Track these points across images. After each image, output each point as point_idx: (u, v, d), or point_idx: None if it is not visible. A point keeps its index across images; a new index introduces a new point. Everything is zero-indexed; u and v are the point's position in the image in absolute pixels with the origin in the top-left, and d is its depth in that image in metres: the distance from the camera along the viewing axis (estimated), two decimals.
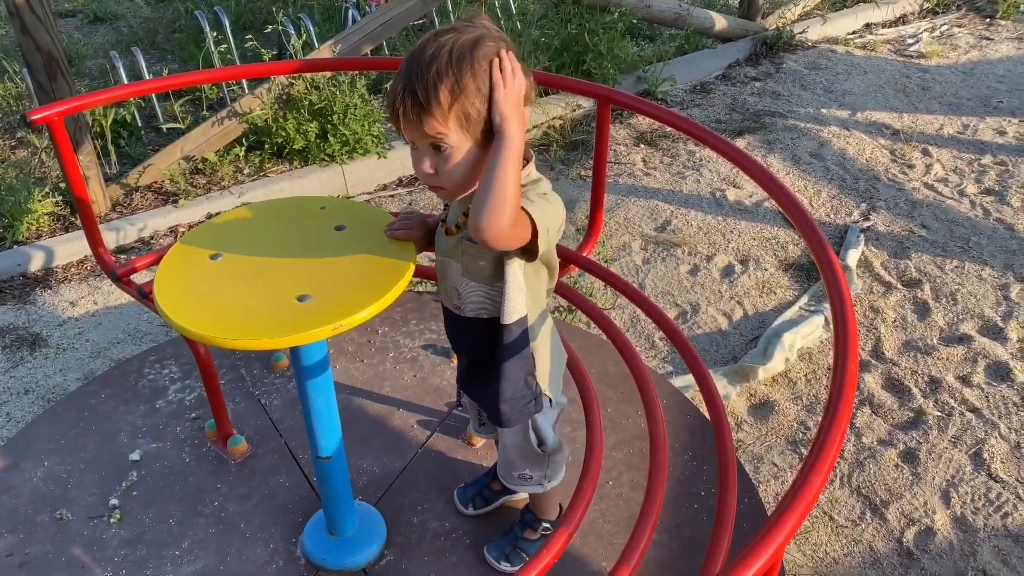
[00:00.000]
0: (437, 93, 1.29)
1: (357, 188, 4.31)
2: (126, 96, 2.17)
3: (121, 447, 2.33)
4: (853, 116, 5.11)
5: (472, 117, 1.31)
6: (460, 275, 1.53)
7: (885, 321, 3.36)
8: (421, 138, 1.36)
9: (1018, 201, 4.21)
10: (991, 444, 2.77)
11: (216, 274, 1.52)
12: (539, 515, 1.98)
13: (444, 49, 1.29)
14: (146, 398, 2.51)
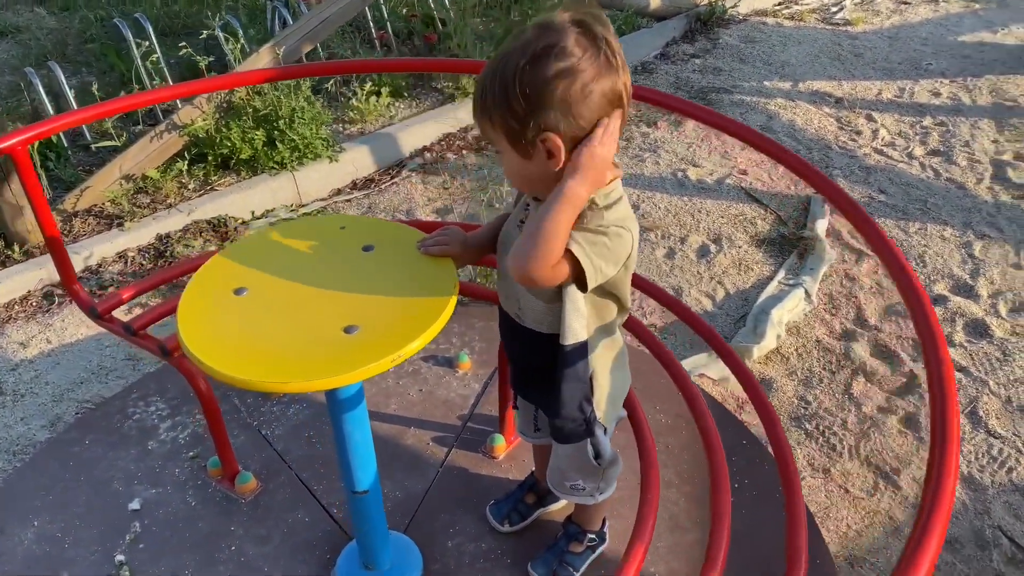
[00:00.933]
0: (489, 96, 1.27)
1: (310, 195, 4.13)
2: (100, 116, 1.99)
3: (117, 496, 2.16)
4: (795, 87, 5.18)
5: (514, 129, 1.26)
6: (523, 288, 1.44)
7: (863, 288, 3.41)
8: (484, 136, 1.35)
9: (964, 160, 4.33)
10: (984, 401, 2.83)
11: (245, 311, 1.39)
12: (585, 526, 1.91)
13: (515, 51, 1.23)
14: (135, 440, 2.33)
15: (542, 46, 1.20)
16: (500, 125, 1.27)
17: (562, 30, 1.22)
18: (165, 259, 3.55)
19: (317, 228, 1.62)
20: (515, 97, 1.22)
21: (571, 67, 1.20)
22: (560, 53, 1.20)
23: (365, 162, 4.35)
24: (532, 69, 1.20)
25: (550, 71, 1.20)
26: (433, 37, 5.17)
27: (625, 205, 1.36)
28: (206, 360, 1.26)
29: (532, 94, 1.21)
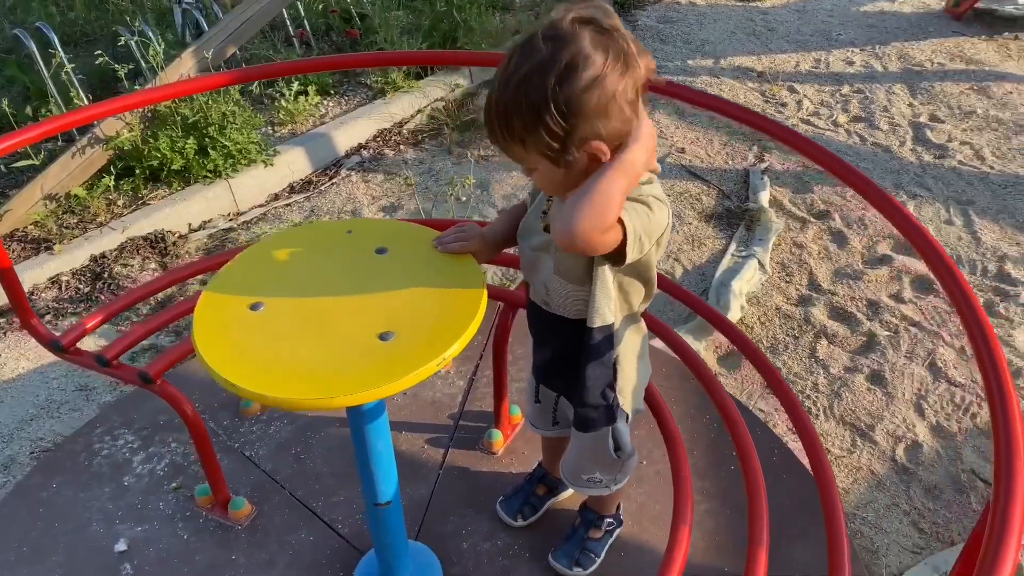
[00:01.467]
0: (509, 132, 1.22)
1: (248, 202, 3.98)
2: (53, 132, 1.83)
3: (100, 540, 2.02)
4: (718, 64, 5.29)
5: (554, 149, 1.21)
6: (551, 272, 1.42)
7: (811, 254, 3.52)
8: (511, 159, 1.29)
9: (885, 124, 4.51)
10: (941, 353, 2.96)
11: (267, 327, 1.32)
12: (602, 512, 1.92)
13: (519, 75, 1.16)
14: (108, 477, 2.19)
15: (565, 61, 1.14)
16: (535, 146, 1.21)
17: (575, 35, 1.15)
18: (103, 281, 3.35)
19: (323, 234, 1.55)
20: (552, 118, 1.16)
21: (599, 74, 1.15)
22: (585, 63, 1.14)
23: (301, 164, 4.22)
24: (563, 87, 1.14)
25: (581, 84, 1.14)
26: (355, 32, 5.05)
27: (658, 184, 1.35)
28: (245, 385, 1.18)
29: (569, 111, 1.16)
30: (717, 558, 1.94)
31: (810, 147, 1.80)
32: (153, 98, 2.14)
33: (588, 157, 1.22)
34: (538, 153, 1.22)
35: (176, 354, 1.83)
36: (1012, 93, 4.77)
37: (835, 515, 1.59)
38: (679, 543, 1.43)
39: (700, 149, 4.36)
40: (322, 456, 2.22)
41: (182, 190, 3.85)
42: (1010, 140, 4.29)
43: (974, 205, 3.79)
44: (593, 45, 1.15)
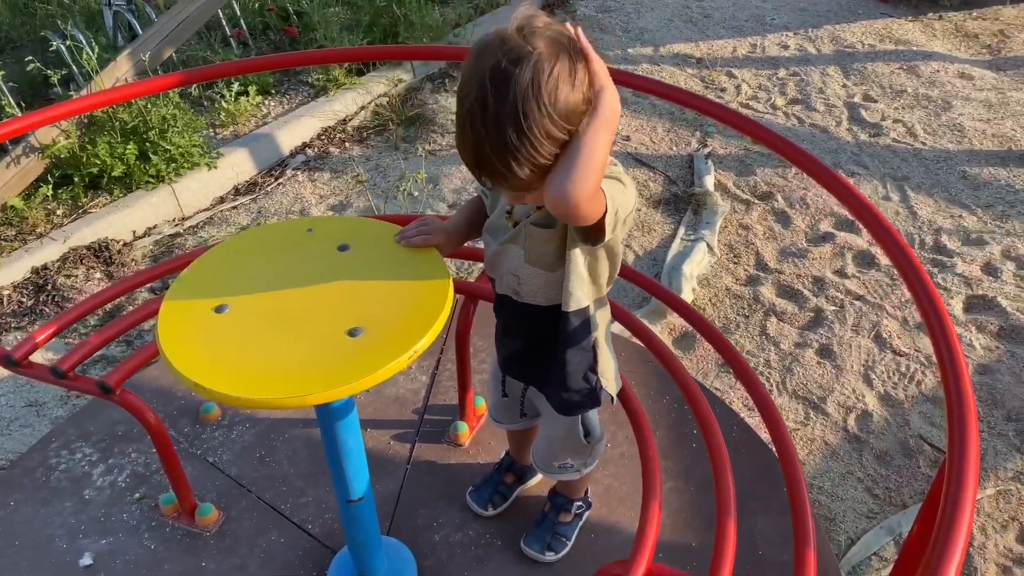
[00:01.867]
0: (517, 162, 1.18)
1: (192, 206, 3.91)
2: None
3: (64, 555, 1.98)
4: (657, 51, 5.37)
5: (549, 162, 1.19)
6: (521, 261, 1.44)
7: (757, 235, 3.60)
8: (506, 190, 1.30)
9: (821, 105, 4.64)
10: (885, 324, 3.07)
11: (233, 329, 1.31)
12: (571, 496, 1.94)
13: (507, 107, 1.14)
14: (68, 492, 2.15)
15: (545, 75, 1.13)
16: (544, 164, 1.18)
17: (534, 50, 1.14)
18: (47, 294, 3.26)
19: (283, 234, 1.54)
20: (558, 128, 1.16)
21: (569, 72, 1.16)
22: (557, 71, 1.14)
23: (245, 165, 4.16)
24: (556, 98, 1.14)
25: (564, 89, 1.15)
26: (294, 30, 4.99)
27: (620, 167, 1.38)
28: (217, 388, 1.18)
29: (566, 115, 1.16)
30: (685, 534, 1.99)
31: (756, 128, 1.86)
32: (96, 103, 2.09)
33: None
34: (543, 168, 1.19)
35: (134, 363, 1.80)
36: (939, 71, 4.95)
37: (798, 486, 1.65)
38: (650, 519, 1.46)
39: (644, 136, 4.43)
40: (287, 458, 2.21)
41: (124, 197, 3.76)
42: (939, 117, 4.45)
43: (909, 181, 3.93)
44: (551, 52, 1.15)
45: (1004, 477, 2.50)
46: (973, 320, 3.08)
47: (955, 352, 1.25)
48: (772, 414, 1.76)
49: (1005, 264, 3.34)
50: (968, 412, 1.18)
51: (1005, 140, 4.21)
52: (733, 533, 1.48)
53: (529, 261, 1.43)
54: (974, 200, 3.76)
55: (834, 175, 1.67)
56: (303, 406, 1.19)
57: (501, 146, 1.16)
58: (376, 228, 1.53)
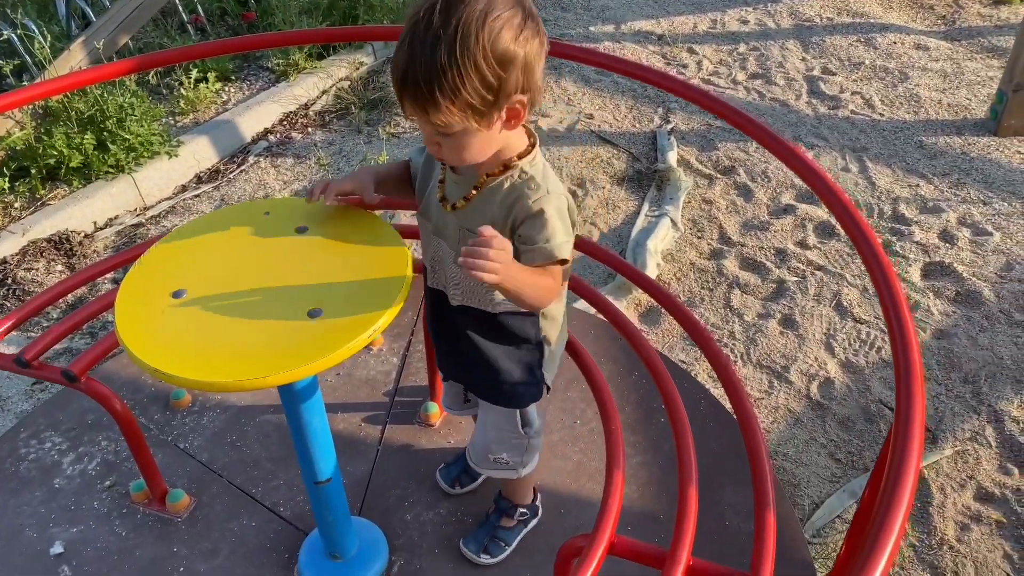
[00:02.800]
0: (440, 87, 1.17)
1: (154, 195, 3.87)
2: None
3: (34, 544, 1.97)
4: (619, 29, 5.37)
5: (477, 107, 1.21)
6: (451, 261, 1.42)
7: (720, 209, 3.64)
8: (425, 123, 1.26)
9: (781, 79, 4.68)
10: (845, 293, 3.13)
11: (192, 313, 1.31)
12: (515, 500, 1.93)
13: (449, 29, 1.15)
14: (38, 481, 2.14)
15: (495, 15, 1.16)
16: (465, 101, 1.19)
17: None
18: (7, 288, 3.22)
19: (240, 217, 1.53)
20: (490, 67, 1.17)
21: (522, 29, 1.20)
22: (510, 17, 1.18)
23: (206, 153, 4.11)
24: (498, 37, 1.16)
25: (510, 35, 1.18)
26: (252, 15, 4.92)
27: (547, 166, 1.39)
28: (177, 372, 1.18)
29: (504, 60, 1.18)
30: (652, 505, 2.02)
31: (715, 103, 1.88)
32: (50, 90, 2.05)
33: (507, 114, 1.25)
34: (465, 109, 1.20)
35: (99, 351, 1.79)
36: (896, 44, 5.01)
37: (757, 449, 1.69)
38: (614, 492, 1.48)
39: (607, 114, 4.44)
40: (258, 442, 2.21)
41: (84, 187, 3.71)
42: (896, 88, 4.51)
43: (868, 152, 3.98)
44: (509, 4, 1.19)
45: (962, 438, 2.57)
46: (931, 286, 3.15)
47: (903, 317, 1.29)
48: (731, 380, 1.79)
49: (961, 231, 3.41)
50: (914, 370, 1.22)
51: (960, 109, 4.28)
52: (695, 502, 1.51)
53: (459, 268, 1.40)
54: (930, 169, 3.83)
55: (782, 140, 1.70)
56: (265, 387, 1.19)
57: (430, 66, 1.16)
58: (334, 209, 1.53)
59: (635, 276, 2.18)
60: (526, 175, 1.34)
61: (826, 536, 2.32)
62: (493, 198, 1.35)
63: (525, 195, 1.32)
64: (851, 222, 1.53)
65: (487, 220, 1.34)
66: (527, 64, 1.21)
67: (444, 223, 1.44)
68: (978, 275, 3.17)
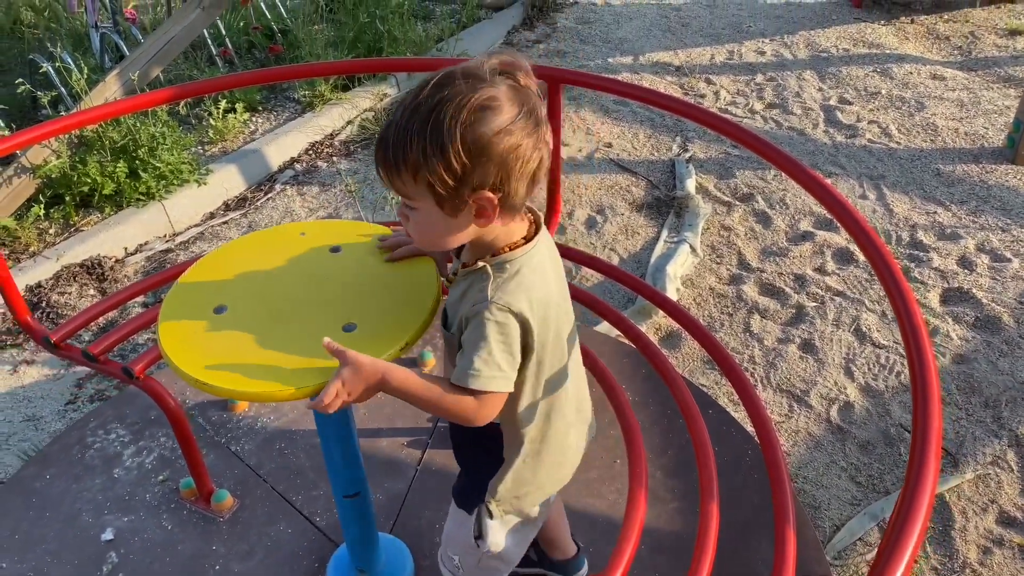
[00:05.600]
0: (404, 157, 1.13)
1: (183, 222, 3.96)
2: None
3: (88, 529, 2.09)
4: (637, 60, 5.47)
5: (448, 187, 1.13)
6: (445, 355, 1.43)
7: (739, 235, 3.69)
8: (391, 190, 1.21)
9: (799, 109, 4.74)
10: (864, 318, 3.15)
11: (233, 327, 1.37)
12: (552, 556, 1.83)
13: (432, 101, 1.10)
14: (99, 470, 2.26)
15: (480, 101, 1.10)
16: (427, 180, 1.12)
17: (493, 82, 1.12)
18: (42, 311, 3.30)
19: (277, 239, 1.60)
20: (456, 152, 1.09)
21: (510, 123, 1.12)
22: (498, 109, 1.11)
23: (235, 181, 4.22)
24: (474, 125, 1.09)
25: (491, 127, 1.10)
26: (279, 48, 5.06)
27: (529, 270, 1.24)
28: (216, 383, 1.24)
29: (474, 151, 1.10)
30: (677, 525, 2.05)
31: (734, 129, 1.93)
32: (86, 119, 2.14)
33: (476, 209, 1.16)
34: (426, 189, 1.14)
35: (157, 352, 1.85)
36: (912, 73, 5.06)
37: (777, 468, 1.71)
38: (636, 505, 1.52)
39: (626, 143, 4.51)
40: (305, 451, 2.29)
41: (115, 214, 3.82)
42: (913, 117, 4.56)
43: (885, 179, 4.02)
44: (508, 97, 1.12)
45: (983, 462, 2.58)
46: (950, 312, 3.16)
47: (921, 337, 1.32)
48: (754, 403, 1.82)
49: (979, 257, 3.43)
50: (932, 392, 1.24)
51: (977, 138, 4.32)
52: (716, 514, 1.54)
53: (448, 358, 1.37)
54: (948, 196, 3.86)
55: (805, 169, 1.75)
56: (298, 398, 1.24)
57: (400, 133, 1.12)
58: (365, 230, 1.60)
59: (657, 299, 2.22)
60: (485, 274, 1.22)
61: (847, 558, 2.33)
62: (458, 292, 1.28)
63: (474, 292, 1.23)
64: (871, 246, 1.57)
65: (452, 312, 1.29)
66: (504, 160, 1.12)
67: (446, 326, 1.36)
68: (997, 301, 3.19)
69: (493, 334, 1.19)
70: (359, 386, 1.19)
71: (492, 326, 1.18)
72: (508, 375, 1.21)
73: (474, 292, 1.22)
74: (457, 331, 1.25)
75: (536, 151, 1.15)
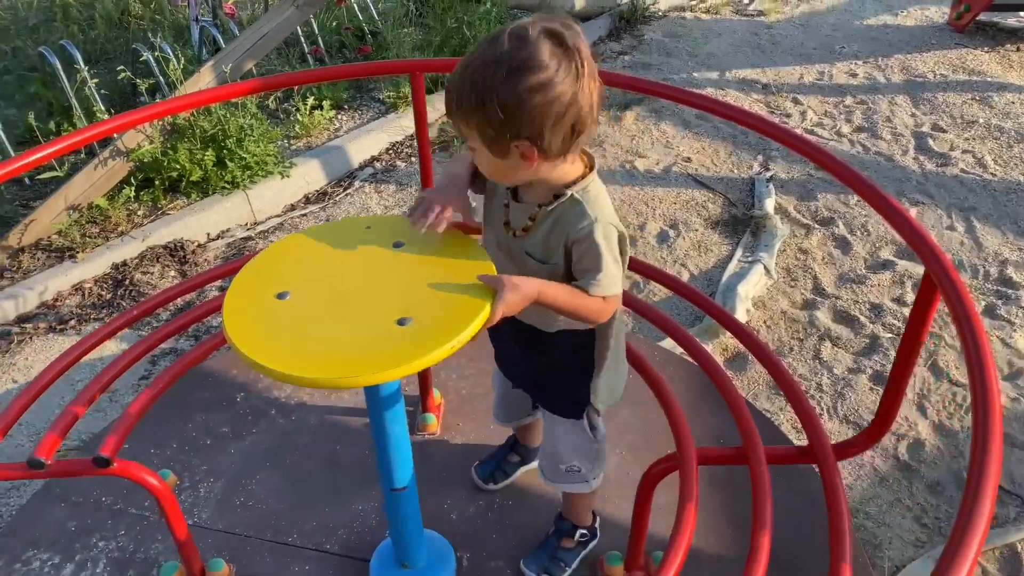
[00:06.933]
0: (461, 105, 1.31)
1: (264, 212, 4.08)
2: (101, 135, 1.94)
3: None
4: (723, 76, 5.39)
5: (490, 135, 1.32)
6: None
7: (816, 259, 3.59)
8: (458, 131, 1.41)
9: (888, 134, 4.59)
10: (942, 354, 3.02)
11: (293, 313, 1.40)
12: (576, 521, 1.96)
13: (491, 61, 1.26)
14: None
15: (519, 59, 1.23)
16: (476, 128, 1.32)
17: (536, 42, 1.24)
18: (124, 288, 3.45)
19: (343, 231, 1.63)
20: (492, 108, 1.26)
21: (547, 82, 1.24)
22: (537, 67, 1.23)
23: (316, 176, 4.32)
24: (509, 81, 1.24)
25: (526, 84, 1.24)
26: (367, 49, 5.18)
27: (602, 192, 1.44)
28: (274, 367, 1.27)
29: (509, 106, 1.25)
30: (726, 551, 2.00)
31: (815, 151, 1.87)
32: (175, 108, 2.23)
33: (519, 156, 1.33)
34: (477, 133, 1.33)
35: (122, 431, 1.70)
36: (1014, 103, 4.84)
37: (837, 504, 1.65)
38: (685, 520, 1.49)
39: (706, 159, 4.45)
40: (268, 498, 2.20)
41: (200, 200, 3.96)
42: (1011, 148, 4.36)
43: (976, 211, 3.85)
44: (550, 55, 1.24)
45: None
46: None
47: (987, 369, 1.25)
48: (816, 432, 1.77)
49: None
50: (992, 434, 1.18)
51: None
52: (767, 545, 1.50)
53: None
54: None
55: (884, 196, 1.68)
56: (353, 387, 1.27)
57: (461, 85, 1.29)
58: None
59: (725, 320, 2.17)
60: (576, 202, 1.41)
61: None
62: (547, 227, 1.45)
63: (572, 222, 1.41)
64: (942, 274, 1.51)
65: (544, 248, 1.46)
66: (534, 116, 1.26)
67: (507, 242, 1.53)
68: None
69: (606, 247, 1.39)
70: (521, 302, 1.36)
71: (603, 241, 1.39)
72: (620, 279, 1.43)
73: (569, 219, 1.41)
74: (563, 259, 1.44)
75: (573, 107, 1.28)
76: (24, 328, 3.27)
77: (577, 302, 1.41)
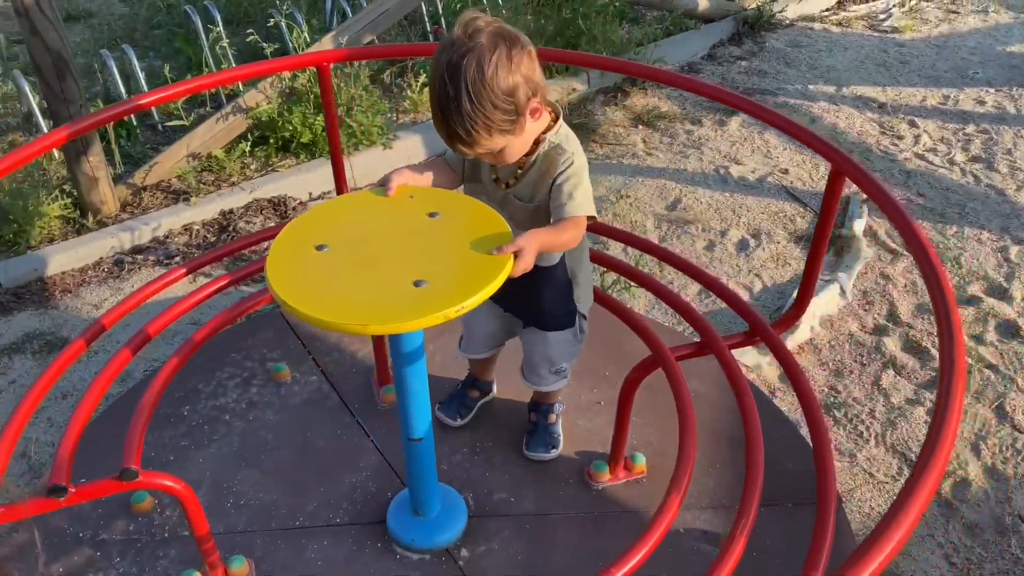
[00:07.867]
0: (477, 131, 1.58)
1: (364, 180, 4.31)
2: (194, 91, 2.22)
3: None
4: (839, 91, 5.25)
5: (508, 128, 1.62)
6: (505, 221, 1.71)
7: (896, 286, 3.50)
8: (476, 155, 1.69)
9: (1005, 167, 4.38)
10: (1011, 398, 2.91)
11: (327, 263, 1.56)
12: (552, 402, 2.33)
13: (463, 94, 1.52)
14: None
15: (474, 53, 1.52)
16: (498, 129, 1.59)
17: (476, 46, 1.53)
18: (228, 233, 3.75)
19: (387, 197, 1.78)
20: (503, 101, 1.56)
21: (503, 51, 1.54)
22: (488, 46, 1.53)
23: (416, 150, 4.52)
24: (496, 81, 1.53)
25: (502, 72, 1.54)
26: None
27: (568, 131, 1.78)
28: (296, 305, 1.43)
29: (510, 90, 1.55)
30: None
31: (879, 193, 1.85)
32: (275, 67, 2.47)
33: (530, 115, 1.64)
34: (499, 134, 1.60)
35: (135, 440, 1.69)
36: None
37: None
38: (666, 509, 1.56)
39: (804, 172, 4.38)
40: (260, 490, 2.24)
41: (307, 162, 4.23)
42: None
43: None
44: (492, 44, 1.54)
45: None
46: None
47: None
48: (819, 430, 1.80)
49: None
50: None
51: None
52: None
53: (512, 222, 1.68)
54: None
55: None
56: (359, 334, 1.43)
57: (462, 121, 1.56)
58: (465, 202, 1.73)
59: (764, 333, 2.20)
60: (553, 144, 1.75)
61: None
62: (535, 172, 1.78)
63: (555, 160, 1.74)
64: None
65: (533, 191, 1.79)
66: (527, 79, 1.58)
67: (498, 194, 1.85)
68: None
69: (581, 175, 1.74)
70: (535, 253, 1.60)
71: (579, 170, 1.74)
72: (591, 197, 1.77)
73: (553, 159, 1.74)
74: (546, 197, 1.77)
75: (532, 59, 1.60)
76: (135, 259, 3.62)
77: (565, 235, 1.71)
